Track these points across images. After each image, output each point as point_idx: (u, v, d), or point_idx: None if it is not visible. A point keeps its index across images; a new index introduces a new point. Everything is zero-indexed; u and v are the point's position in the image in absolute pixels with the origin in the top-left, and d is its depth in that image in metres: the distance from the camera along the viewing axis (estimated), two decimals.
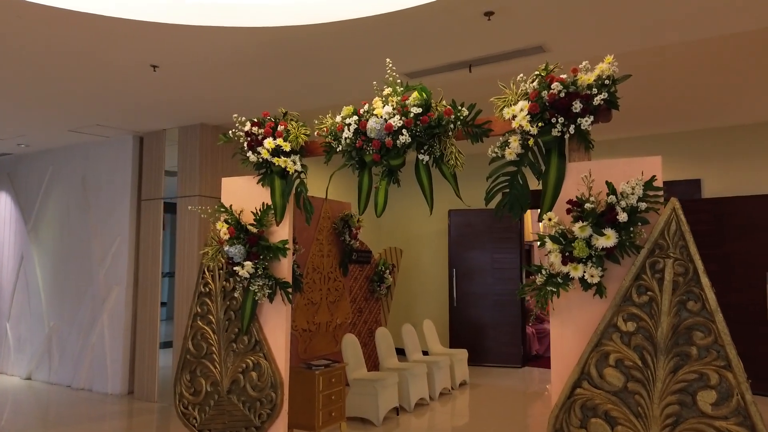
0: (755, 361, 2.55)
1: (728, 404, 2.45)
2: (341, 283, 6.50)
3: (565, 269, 2.69)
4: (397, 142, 3.17)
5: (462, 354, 7.21)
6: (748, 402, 2.41)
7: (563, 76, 2.82)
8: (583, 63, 2.79)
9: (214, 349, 3.94)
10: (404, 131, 3.13)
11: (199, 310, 4.03)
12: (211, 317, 3.97)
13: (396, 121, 3.14)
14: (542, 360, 8.99)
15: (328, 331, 6.14)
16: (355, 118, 3.30)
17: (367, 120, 3.26)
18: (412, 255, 9.24)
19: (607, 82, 2.71)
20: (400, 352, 6.96)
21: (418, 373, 6.05)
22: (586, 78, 2.74)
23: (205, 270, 4.04)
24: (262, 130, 3.67)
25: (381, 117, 3.19)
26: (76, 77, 4.84)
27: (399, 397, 5.79)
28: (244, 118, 3.80)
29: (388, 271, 7.67)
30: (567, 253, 2.67)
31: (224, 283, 3.94)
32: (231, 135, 3.80)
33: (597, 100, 2.70)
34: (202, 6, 4.05)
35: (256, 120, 3.75)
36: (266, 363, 3.73)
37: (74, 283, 7.34)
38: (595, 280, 2.63)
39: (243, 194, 3.93)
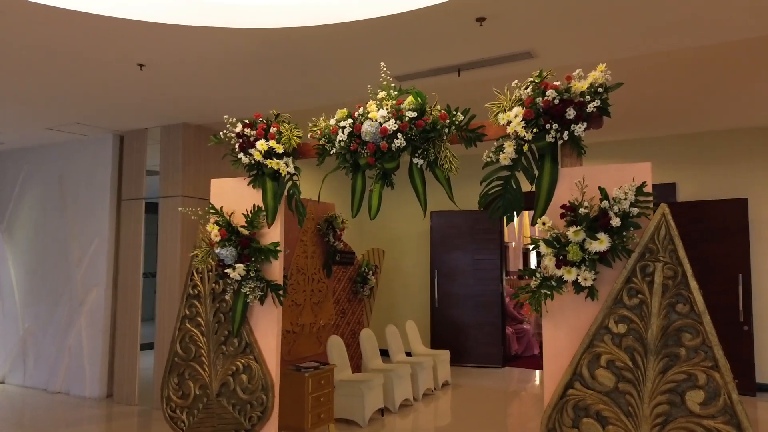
0: (731, 361, 2.64)
1: (716, 403, 2.53)
2: (325, 284, 6.50)
3: (558, 272, 2.75)
4: (392, 145, 3.19)
5: (444, 354, 7.28)
6: (735, 401, 2.50)
7: (556, 83, 2.88)
8: (577, 71, 2.85)
9: (203, 351, 3.90)
10: (399, 135, 3.16)
11: (187, 312, 3.99)
12: (200, 320, 3.94)
13: (391, 125, 3.16)
14: (521, 360, 9.11)
15: (312, 333, 6.14)
16: (350, 121, 3.31)
17: (362, 123, 3.27)
18: (394, 256, 9.27)
19: (600, 89, 2.78)
20: (383, 353, 6.99)
21: (403, 374, 6.09)
22: (580, 85, 2.81)
23: (194, 272, 4.01)
24: (254, 132, 3.65)
25: (376, 120, 3.21)
26: (59, 75, 4.75)
27: (384, 398, 5.82)
28: (234, 119, 3.78)
29: (371, 272, 7.68)
30: (561, 257, 2.73)
31: (213, 285, 3.92)
32: (222, 136, 3.77)
33: (590, 107, 2.76)
34: (191, 6, 4.01)
35: (247, 121, 3.73)
36: (257, 365, 3.71)
37: (50, 285, 7.18)
38: (588, 283, 2.69)
39: (232, 196, 3.91)
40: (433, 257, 8.81)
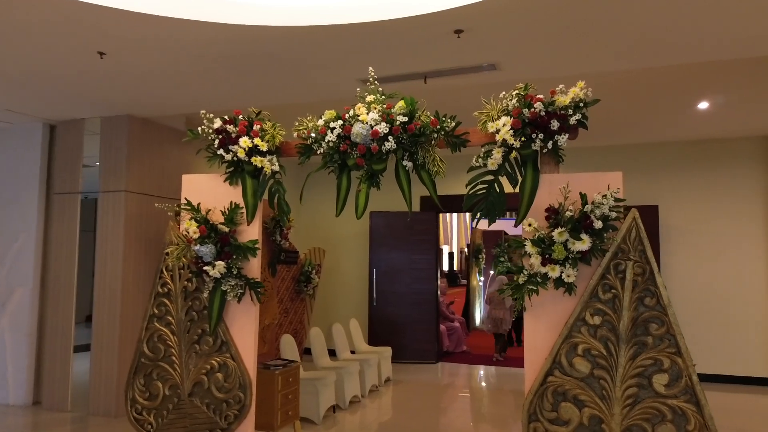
0: None
1: (678, 384, 2.89)
2: (270, 283, 6.45)
3: (544, 269, 3.00)
4: (383, 147, 3.31)
5: (387, 351, 7.46)
6: (695, 382, 2.86)
7: (540, 96, 3.13)
8: (560, 86, 3.12)
9: (173, 351, 3.82)
10: (390, 138, 3.29)
11: (156, 311, 3.88)
12: (170, 318, 3.85)
13: (382, 128, 3.28)
14: (453, 356, 9.49)
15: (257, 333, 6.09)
16: (340, 122, 3.40)
17: (352, 125, 3.37)
18: (332, 255, 9.32)
19: (581, 104, 3.06)
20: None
21: (352, 372, 6.19)
22: (563, 100, 3.07)
23: (164, 270, 3.91)
24: (236, 129, 3.63)
25: (367, 123, 3.32)
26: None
27: (335, 395, 5.90)
28: (211, 115, 3.73)
29: (314, 271, 7.72)
30: (547, 255, 2.98)
31: (186, 283, 3.84)
32: (200, 132, 3.71)
33: (572, 120, 3.04)
34: None
35: (227, 118, 3.70)
36: (234, 363, 3.69)
37: None
38: (572, 279, 2.96)
39: (206, 192, 3.85)
40: (372, 257, 8.97)
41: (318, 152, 3.52)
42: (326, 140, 3.43)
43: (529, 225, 3.08)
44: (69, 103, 5.70)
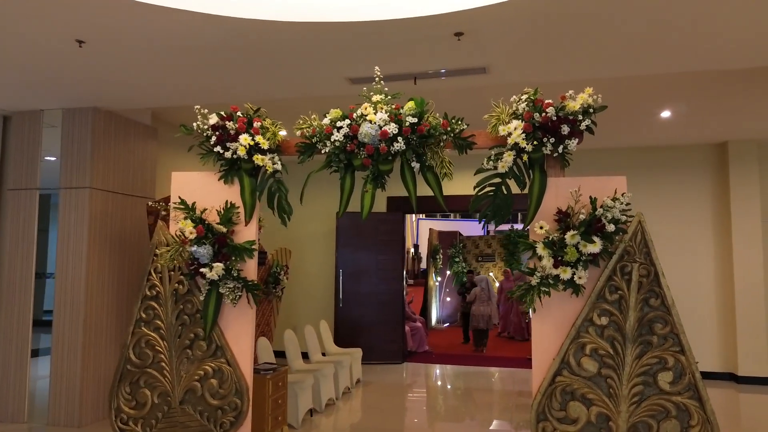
0: None
1: (682, 382, 3.01)
2: None
3: (555, 271, 3.05)
4: (391, 148, 3.28)
5: (358, 353, 7.40)
6: (697, 379, 2.99)
7: (549, 101, 3.18)
8: (569, 92, 3.19)
9: (163, 357, 3.64)
10: (399, 138, 3.26)
11: (143, 315, 3.69)
12: (159, 323, 3.66)
13: (392, 129, 3.24)
14: (416, 356, 9.53)
15: None
16: (347, 122, 3.33)
17: (359, 125, 3.31)
18: (297, 256, 9.16)
19: (591, 110, 3.13)
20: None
21: (328, 374, 6.11)
22: (572, 105, 3.14)
23: (152, 271, 3.72)
24: (236, 125, 3.50)
25: (375, 123, 3.27)
26: None
27: (311, 398, 5.79)
28: (206, 111, 3.58)
29: (282, 272, 7.56)
30: (559, 258, 3.03)
31: (176, 285, 3.67)
32: (195, 127, 3.55)
33: (582, 126, 3.11)
34: None
35: (224, 114, 3.56)
36: (229, 369, 3.56)
37: None
38: (583, 281, 3.03)
39: (197, 190, 3.69)
40: (339, 257, 8.87)
41: (322, 152, 3.44)
42: (332, 140, 3.35)
43: (540, 228, 3.13)
44: (29, 94, 5.33)
